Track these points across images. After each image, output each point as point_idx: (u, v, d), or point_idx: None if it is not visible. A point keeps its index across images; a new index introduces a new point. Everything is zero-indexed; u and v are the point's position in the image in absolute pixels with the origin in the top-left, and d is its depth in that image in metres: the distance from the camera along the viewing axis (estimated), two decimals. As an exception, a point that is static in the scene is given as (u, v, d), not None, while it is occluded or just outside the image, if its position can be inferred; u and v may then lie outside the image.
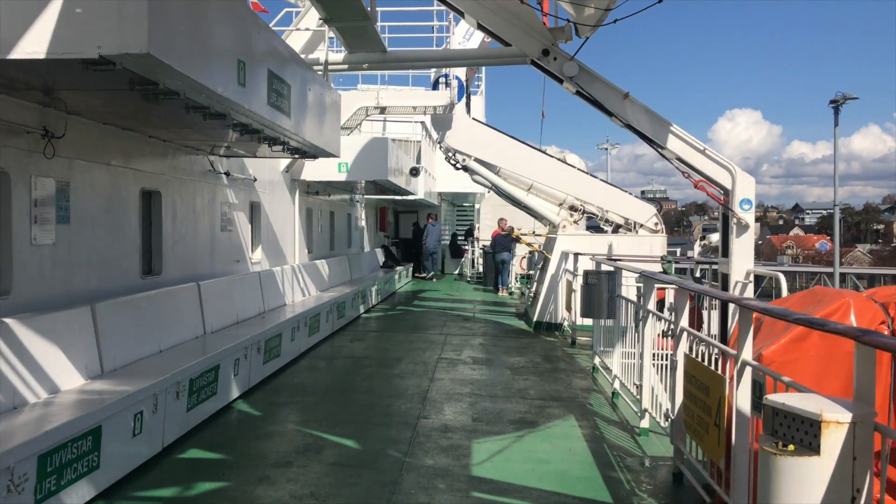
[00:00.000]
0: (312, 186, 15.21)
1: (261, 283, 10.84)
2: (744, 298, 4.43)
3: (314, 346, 11.60)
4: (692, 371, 5.54)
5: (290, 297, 12.19)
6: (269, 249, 12.50)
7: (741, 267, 9.68)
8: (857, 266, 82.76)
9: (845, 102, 38.36)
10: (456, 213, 35.50)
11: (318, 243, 15.99)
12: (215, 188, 10.11)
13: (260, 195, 12.02)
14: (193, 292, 8.52)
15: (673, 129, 9.75)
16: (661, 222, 14.56)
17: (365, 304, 16.33)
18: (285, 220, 13.58)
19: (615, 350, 8.80)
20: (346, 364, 10.68)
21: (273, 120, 6.57)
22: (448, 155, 15.18)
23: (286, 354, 10.00)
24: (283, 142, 7.76)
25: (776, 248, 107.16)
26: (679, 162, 9.86)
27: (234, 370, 7.97)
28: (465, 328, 14.33)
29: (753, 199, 9.72)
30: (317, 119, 8.39)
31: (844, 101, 38.21)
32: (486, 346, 12.27)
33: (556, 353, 11.83)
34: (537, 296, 15.14)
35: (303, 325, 10.89)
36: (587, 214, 15.42)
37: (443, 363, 10.60)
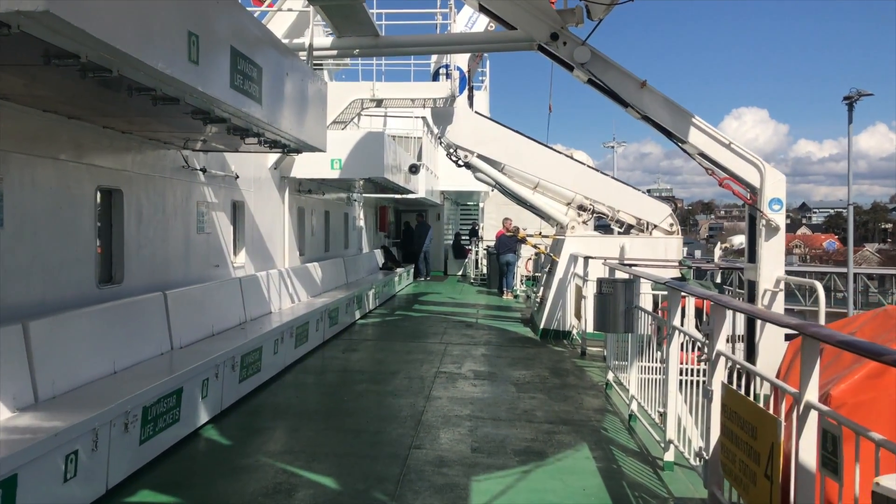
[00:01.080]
0: (304, 185, 14.28)
1: (242, 289, 9.92)
2: (811, 325, 3.48)
3: (302, 357, 10.67)
4: (733, 406, 4.59)
5: (276, 304, 11.26)
6: (255, 252, 11.58)
7: (771, 273, 8.72)
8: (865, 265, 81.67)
9: (859, 99, 37.23)
10: (459, 213, 34.57)
11: (311, 245, 15.06)
12: (190, 186, 9.19)
13: (243, 193, 11.09)
14: (158, 303, 7.60)
15: (695, 122, 8.80)
16: (676, 223, 13.60)
17: (361, 309, 15.41)
18: (273, 221, 12.66)
19: (632, 366, 7.85)
20: (335, 379, 9.75)
21: (239, 107, 5.64)
22: (449, 151, 14.25)
23: (268, 369, 9.08)
24: (257, 133, 6.83)
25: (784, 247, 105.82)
26: (702, 158, 8.91)
27: (202, 392, 7.05)
28: (466, 336, 13.39)
29: (784, 199, 8.76)
30: (297, 108, 7.46)
31: (859, 98, 37.05)
32: (489, 358, 11.33)
33: (564, 365, 10.89)
34: (544, 301, 14.19)
35: (288, 335, 9.96)
36: (597, 214, 14.46)
37: (441, 378, 9.66)
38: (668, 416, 6.17)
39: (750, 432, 4.25)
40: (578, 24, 8.92)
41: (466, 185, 26.73)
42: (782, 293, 8.74)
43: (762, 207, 8.64)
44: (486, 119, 14.02)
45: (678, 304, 6.16)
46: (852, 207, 38.11)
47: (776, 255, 8.72)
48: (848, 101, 37.22)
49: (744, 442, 4.35)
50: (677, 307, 6.16)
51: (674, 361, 6.13)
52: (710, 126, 8.79)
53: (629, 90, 8.85)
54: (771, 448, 3.94)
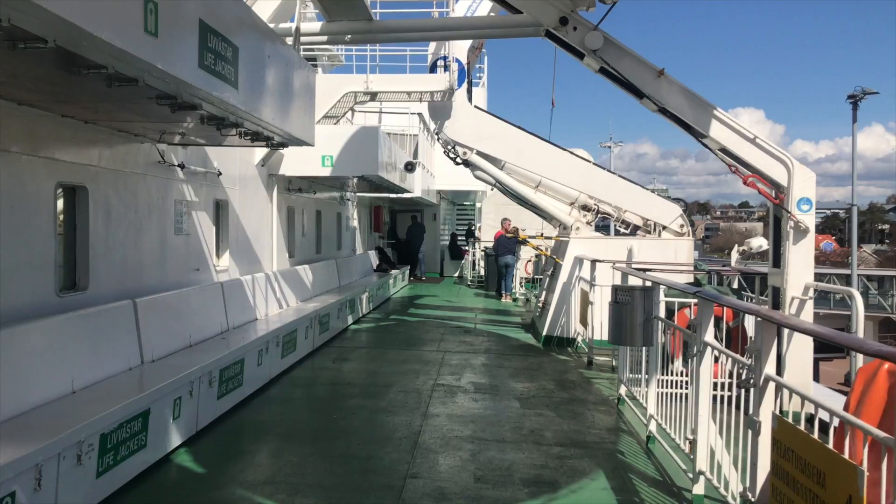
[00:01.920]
0: (294, 183, 13.53)
1: (224, 295, 9.18)
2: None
3: (289, 368, 9.93)
4: (791, 442, 3.88)
5: (262, 310, 10.52)
6: (240, 255, 10.83)
7: (799, 279, 8.02)
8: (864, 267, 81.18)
9: (864, 98, 36.69)
10: (456, 213, 33.91)
11: (301, 246, 14.32)
12: (167, 183, 8.45)
13: (227, 192, 10.34)
14: (127, 312, 6.85)
15: (717, 114, 8.09)
16: (687, 224, 12.89)
17: (354, 313, 14.67)
18: (260, 221, 11.91)
19: (650, 381, 7.14)
20: (324, 393, 9.01)
21: (210, 91, 4.90)
22: (447, 148, 13.53)
23: (250, 383, 8.34)
24: (235, 123, 6.09)
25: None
26: (723, 154, 8.20)
27: (173, 412, 6.31)
28: (465, 343, 12.66)
29: (814, 198, 8.05)
30: (281, 97, 6.73)
31: (863, 97, 36.52)
32: (489, 368, 10.61)
33: (570, 376, 10.17)
34: (546, 306, 13.48)
35: (274, 344, 9.22)
36: (602, 215, 13.75)
37: (439, 391, 8.93)
38: (699, 444, 5.45)
39: (816, 478, 3.54)
40: (589, 8, 8.21)
41: (464, 185, 26.09)
42: (811, 301, 8.04)
43: (790, 207, 7.93)
44: (485, 114, 13.30)
45: (710, 317, 5.44)
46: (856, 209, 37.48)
47: (805, 259, 8.02)
48: (852, 100, 36.65)
49: (806, 489, 3.63)
50: (709, 320, 5.44)
51: (705, 383, 5.42)
52: (733, 119, 8.08)
53: (645, 80, 8.14)
54: (848, 502, 3.22)
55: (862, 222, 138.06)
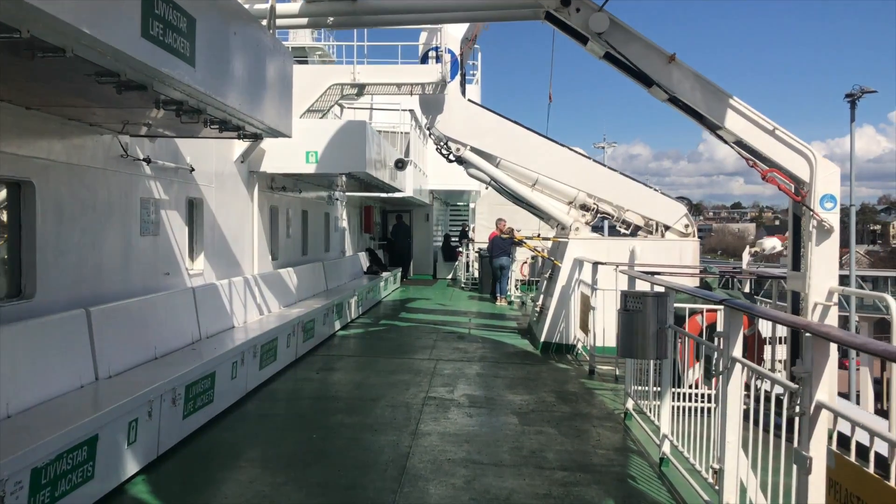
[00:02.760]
0: (278, 181, 12.80)
1: (196, 301, 8.44)
2: None
3: (268, 380, 9.19)
4: (853, 486, 3.18)
5: (240, 316, 9.78)
6: (217, 257, 10.10)
7: (822, 284, 7.34)
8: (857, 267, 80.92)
9: (862, 96, 36.14)
10: (449, 213, 33.20)
11: (285, 248, 13.58)
12: (131, 179, 7.71)
13: (202, 189, 9.61)
14: (79, 322, 6.11)
15: (733, 104, 7.40)
16: (692, 224, 12.22)
17: (342, 318, 13.94)
18: (240, 221, 11.17)
19: (663, 397, 6.44)
20: (305, 409, 8.27)
21: (157, 65, 4.18)
22: (439, 144, 12.82)
23: (223, 398, 7.61)
24: (197, 108, 5.36)
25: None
26: (739, 147, 7.51)
27: (128, 436, 5.57)
28: (458, 350, 11.94)
29: (839, 195, 7.37)
30: (251, 80, 6.00)
31: (861, 95, 35.94)
32: (484, 378, 9.89)
33: (571, 386, 9.47)
34: (544, 311, 12.78)
35: (251, 354, 8.49)
36: (601, 215, 13.05)
37: (430, 406, 8.21)
38: (726, 474, 4.75)
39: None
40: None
41: (457, 185, 25.39)
42: (835, 308, 7.35)
43: (813, 205, 7.25)
44: (480, 108, 12.60)
45: (739, 329, 4.75)
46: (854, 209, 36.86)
47: (828, 262, 7.33)
48: (850, 99, 36.06)
49: (880, 548, 2.93)
50: (738, 333, 4.74)
51: (734, 405, 4.72)
52: (750, 108, 7.39)
53: (655, 66, 7.45)
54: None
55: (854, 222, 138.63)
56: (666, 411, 6.35)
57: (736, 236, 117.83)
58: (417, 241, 27.35)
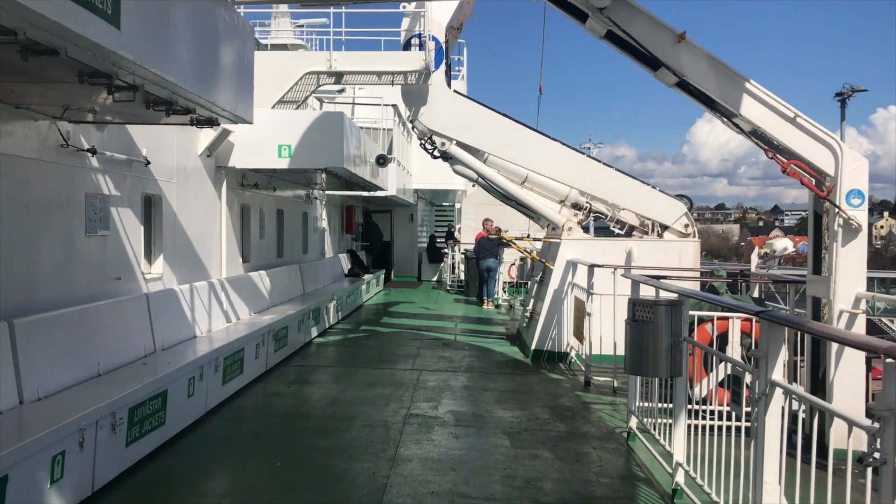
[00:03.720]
0: (249, 177, 11.92)
1: (150, 309, 7.56)
2: None
3: (233, 396, 8.32)
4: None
5: (203, 325, 8.90)
6: (178, 260, 9.21)
7: (848, 289, 6.58)
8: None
9: (852, 95, 35.79)
10: (434, 214, 32.43)
11: (258, 250, 12.70)
12: (74, 172, 6.83)
13: (161, 185, 8.72)
14: (1, 336, 5.23)
15: (750, 88, 6.64)
16: (692, 223, 11.47)
17: (319, 324, 13.08)
18: (206, 221, 10.29)
19: (676, 420, 5.65)
20: (272, 429, 7.39)
21: (63, 20, 3.33)
22: (423, 139, 12.00)
23: (178, 419, 6.74)
24: (132, 84, 4.51)
25: (758, 249, 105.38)
26: (756, 138, 6.74)
27: (51, 474, 4.70)
28: (444, 359, 11.12)
29: (867, 190, 6.62)
30: (199, 53, 5.15)
31: (851, 94, 35.63)
32: (471, 391, 9.07)
33: (566, 400, 8.68)
34: (535, 316, 11.99)
35: (211, 368, 7.62)
36: (594, 214, 12.28)
37: (412, 425, 7.38)
38: (764, 520, 3.96)
39: None
40: (594, -41, 6.71)
41: (442, 184, 24.62)
42: (863, 316, 6.60)
43: (839, 201, 6.49)
44: (466, 99, 11.79)
45: (780, 347, 3.96)
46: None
47: (855, 264, 6.58)
48: (840, 98, 35.77)
49: None
50: (779, 351, 3.95)
51: (773, 439, 3.93)
52: (768, 93, 6.62)
53: (663, 46, 6.67)
54: None
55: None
56: (680, 436, 5.57)
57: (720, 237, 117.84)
58: (400, 242, 26.50)
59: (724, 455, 5.02)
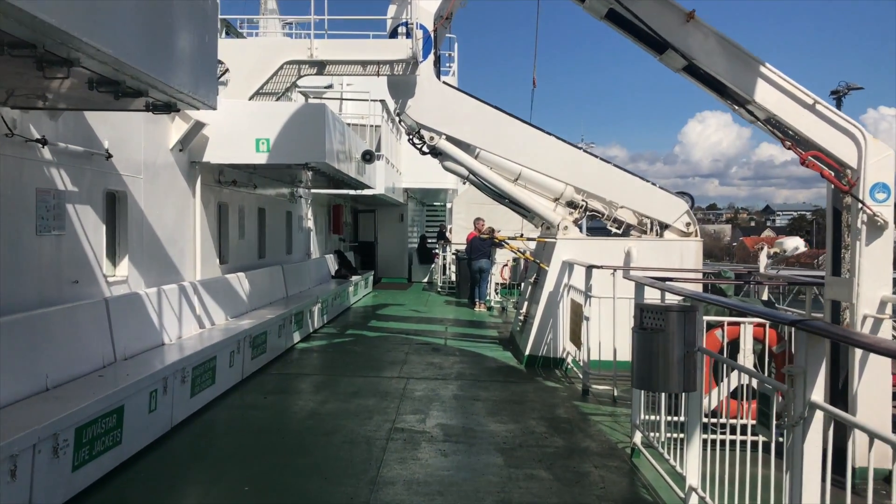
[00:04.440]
0: (227, 174, 11.28)
1: (109, 315, 6.92)
2: None
3: (202, 409, 7.68)
4: None
5: (173, 331, 8.27)
6: (146, 262, 8.57)
7: (873, 292, 6.01)
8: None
9: (848, 93, 35.47)
10: (425, 213, 31.84)
11: (237, 251, 12.06)
12: (22, 165, 6.19)
13: (125, 181, 8.09)
14: (-79, 350, 4.60)
15: (765, 73, 6.07)
16: (694, 222, 10.90)
17: (303, 329, 12.45)
18: (178, 219, 9.65)
19: (689, 439, 5.07)
20: (243, 447, 6.75)
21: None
22: (411, 134, 11.40)
23: (136, 437, 6.11)
24: (67, 58, 3.90)
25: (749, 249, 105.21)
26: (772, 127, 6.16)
27: (-26, 509, 4.07)
28: (433, 366, 10.51)
29: (893, 185, 6.05)
30: (149, 27, 4.52)
31: (847, 92, 35.30)
32: (462, 401, 8.47)
33: (563, 411, 8.09)
34: (529, 320, 11.40)
35: (177, 379, 6.99)
36: (591, 213, 11.70)
37: (397, 440, 6.78)
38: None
39: None
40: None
41: (433, 182, 24.03)
42: (888, 321, 6.03)
43: (862, 196, 5.92)
44: (456, 91, 11.18)
45: (820, 362, 3.37)
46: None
47: (881, 265, 6.02)
48: (836, 96, 35.41)
49: None
50: (819, 366, 3.37)
51: (812, 469, 3.34)
52: (786, 78, 6.05)
53: (670, 25, 6.09)
54: None
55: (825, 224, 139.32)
56: (693, 458, 4.98)
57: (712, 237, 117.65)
58: (390, 242, 25.87)
59: (741, 474, 4.46)
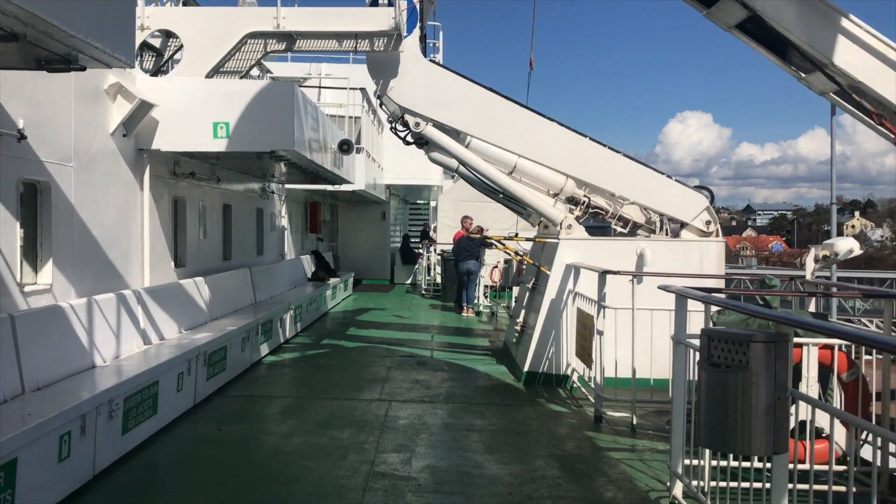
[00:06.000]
0: (184, 165, 9.88)
1: (16, 334, 5.52)
2: None
3: (142, 445, 6.29)
4: None
5: (108, 350, 6.86)
6: (78, 266, 7.17)
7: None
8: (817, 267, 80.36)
9: (843, 89, 34.57)
10: (408, 212, 30.52)
11: (197, 252, 10.65)
12: None
13: (49, 170, 6.69)
14: None
15: (849, 28, 4.77)
16: (714, 220, 9.66)
17: (272, 339, 11.06)
18: (121, 217, 8.25)
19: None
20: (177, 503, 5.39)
21: None
22: (393, 122, 10.07)
23: (37, 494, 4.72)
24: None
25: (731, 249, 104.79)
26: (853, 94, 4.88)
27: None
28: (419, 384, 9.18)
29: None
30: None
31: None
32: (454, 432, 7.13)
33: (574, 445, 6.80)
34: (527, 330, 10.11)
35: (101, 415, 5.60)
36: (594, 209, 10.38)
37: (376, 491, 5.44)
38: None
39: None
40: None
41: (417, 179, 22.75)
42: None
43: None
44: (445, 70, 9.84)
45: None
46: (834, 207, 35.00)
47: None
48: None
49: None
50: None
51: None
52: (875, 33, 4.76)
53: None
54: None
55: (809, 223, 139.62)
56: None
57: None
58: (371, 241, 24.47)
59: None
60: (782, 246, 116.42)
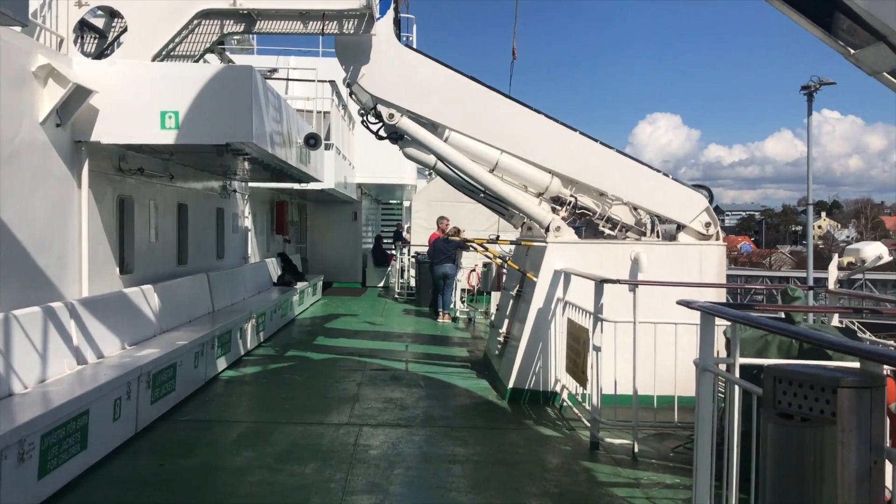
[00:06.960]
0: (131, 160, 8.87)
1: None
2: None
3: (65, 488, 5.32)
4: None
5: (29, 375, 5.87)
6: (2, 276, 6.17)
7: None
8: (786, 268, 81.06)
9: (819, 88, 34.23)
10: (381, 212, 29.60)
11: (147, 257, 9.62)
12: None
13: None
14: None
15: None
16: (714, 222, 8.91)
17: (231, 352, 10.09)
18: (53, 217, 7.24)
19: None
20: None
21: None
22: (364, 114, 9.18)
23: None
24: None
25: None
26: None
27: None
28: (392, 404, 8.27)
29: None
30: None
31: (819, 87, 34.05)
32: (434, 464, 6.25)
33: (570, 478, 5.97)
34: (511, 342, 9.27)
35: (12, 459, 4.62)
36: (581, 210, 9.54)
37: (343, 547, 4.53)
38: None
39: None
40: None
41: (390, 177, 21.86)
42: None
43: None
44: (422, 56, 8.93)
45: None
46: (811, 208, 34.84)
47: None
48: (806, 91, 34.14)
49: None
50: None
51: None
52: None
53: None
54: None
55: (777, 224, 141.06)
56: None
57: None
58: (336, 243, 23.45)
59: None
60: (751, 246, 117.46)
